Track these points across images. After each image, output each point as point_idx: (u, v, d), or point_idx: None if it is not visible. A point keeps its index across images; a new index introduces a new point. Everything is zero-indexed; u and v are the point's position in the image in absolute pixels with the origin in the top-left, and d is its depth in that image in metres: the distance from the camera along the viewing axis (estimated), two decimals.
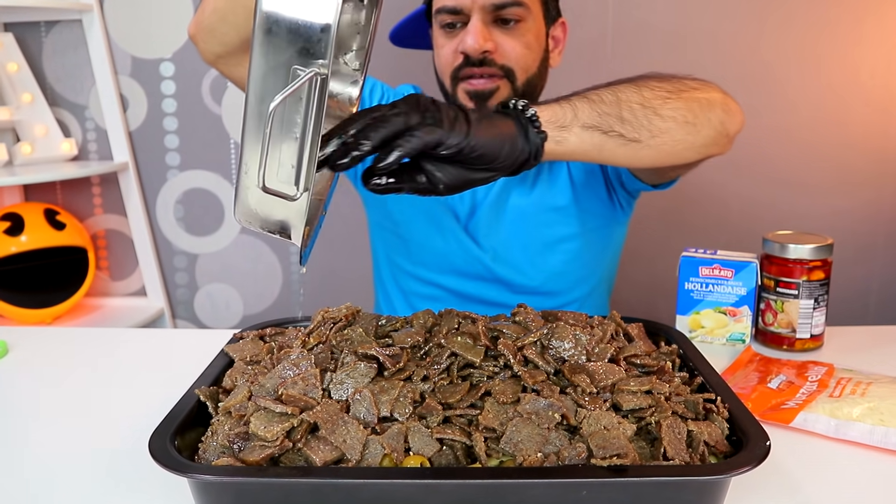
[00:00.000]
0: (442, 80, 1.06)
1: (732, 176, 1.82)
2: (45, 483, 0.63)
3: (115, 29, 1.79)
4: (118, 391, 0.82)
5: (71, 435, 0.71)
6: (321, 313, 0.73)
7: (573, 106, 0.70)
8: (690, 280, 0.95)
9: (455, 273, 1.13)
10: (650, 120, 0.75)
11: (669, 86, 0.79)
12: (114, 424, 0.73)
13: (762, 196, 1.84)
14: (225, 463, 0.53)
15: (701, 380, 0.67)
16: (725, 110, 0.84)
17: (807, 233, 0.98)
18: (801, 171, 1.83)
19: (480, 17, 0.99)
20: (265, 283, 1.91)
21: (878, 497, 0.60)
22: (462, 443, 0.56)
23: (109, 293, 1.95)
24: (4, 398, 0.80)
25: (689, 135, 0.79)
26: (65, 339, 1.00)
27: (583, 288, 1.15)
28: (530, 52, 1.03)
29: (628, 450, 0.53)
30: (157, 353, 0.95)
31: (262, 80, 0.53)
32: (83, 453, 0.67)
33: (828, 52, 1.76)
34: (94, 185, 1.90)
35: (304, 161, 0.54)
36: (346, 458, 0.54)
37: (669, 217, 1.78)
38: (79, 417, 0.75)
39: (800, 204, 1.84)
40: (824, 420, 0.71)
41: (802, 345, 0.94)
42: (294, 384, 0.59)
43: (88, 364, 0.90)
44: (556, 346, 0.65)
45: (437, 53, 1.06)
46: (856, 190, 1.84)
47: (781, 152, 1.82)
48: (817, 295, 0.93)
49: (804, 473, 0.63)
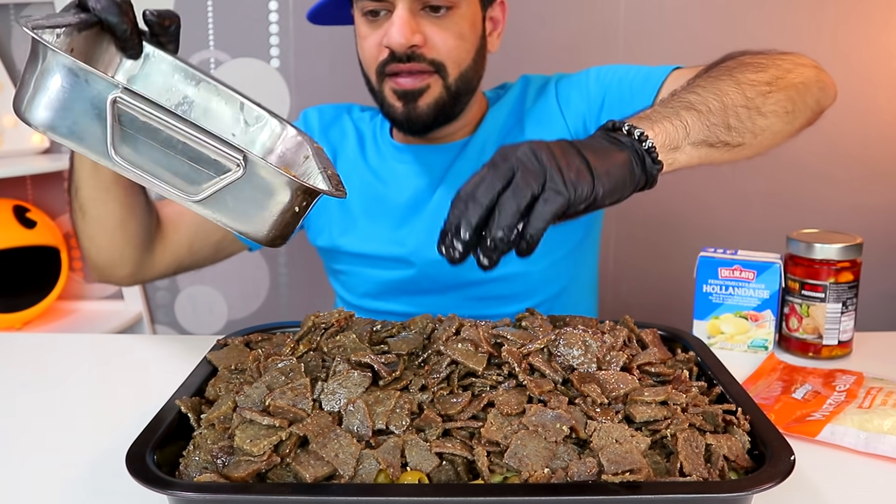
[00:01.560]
0: (367, 73, 1.03)
1: (753, 170, 1.82)
2: (15, 496, 0.63)
3: None
4: (93, 401, 0.82)
5: (42, 448, 0.71)
6: (311, 318, 0.73)
7: (684, 123, 0.71)
8: (709, 282, 0.95)
9: (404, 292, 1.12)
10: (754, 121, 0.77)
11: (767, 75, 0.80)
12: (89, 437, 0.73)
13: (786, 192, 1.83)
14: (208, 479, 0.53)
15: (720, 390, 0.67)
16: (821, 87, 0.86)
17: (834, 231, 0.98)
18: (828, 164, 1.83)
19: (406, 4, 0.94)
20: (251, 285, 1.91)
21: None
22: (463, 457, 0.56)
23: (84, 296, 1.95)
24: None
25: (789, 124, 0.82)
26: (35, 345, 1.00)
27: (550, 289, 1.12)
28: (464, 43, 0.99)
29: (642, 465, 0.53)
30: (135, 360, 0.95)
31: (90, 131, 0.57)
32: (56, 468, 0.67)
33: (857, 36, 1.75)
34: (66, 180, 1.89)
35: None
36: (338, 473, 0.53)
37: (686, 215, 1.78)
38: (51, 430, 0.75)
39: (826, 200, 1.84)
40: (853, 433, 0.71)
41: (829, 352, 0.94)
42: (282, 394, 0.59)
43: (61, 373, 0.90)
44: (564, 354, 0.65)
45: (360, 45, 1.02)
46: (887, 184, 1.84)
47: (806, 144, 1.81)
48: (845, 298, 0.93)
49: (831, 490, 0.63)
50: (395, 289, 1.12)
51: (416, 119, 1.00)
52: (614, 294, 1.84)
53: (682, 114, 0.72)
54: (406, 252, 1.09)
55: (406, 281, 1.11)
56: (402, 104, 0.99)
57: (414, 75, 0.98)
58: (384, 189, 1.10)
